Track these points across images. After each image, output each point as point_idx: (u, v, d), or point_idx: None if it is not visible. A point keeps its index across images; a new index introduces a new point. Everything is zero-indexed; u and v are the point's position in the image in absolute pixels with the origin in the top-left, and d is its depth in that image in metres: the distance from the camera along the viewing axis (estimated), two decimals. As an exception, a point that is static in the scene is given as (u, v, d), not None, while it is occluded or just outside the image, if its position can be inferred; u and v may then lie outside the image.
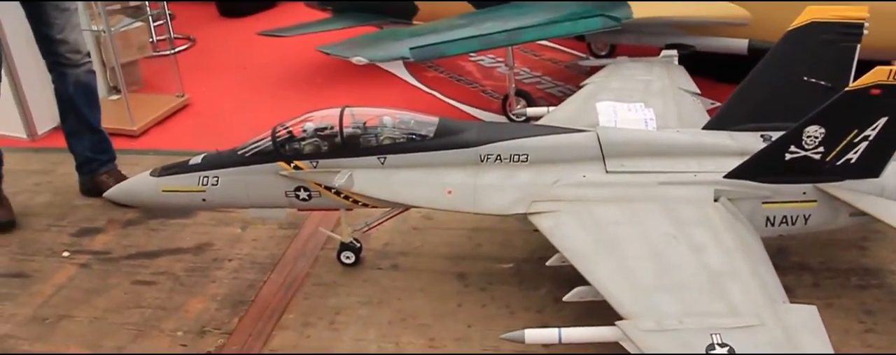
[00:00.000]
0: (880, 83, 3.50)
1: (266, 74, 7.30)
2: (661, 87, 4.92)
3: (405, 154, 4.04)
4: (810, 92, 4.15)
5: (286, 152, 4.08)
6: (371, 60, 5.17)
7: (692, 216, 3.66)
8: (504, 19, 5.43)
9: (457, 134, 4.06)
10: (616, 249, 3.47)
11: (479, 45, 5.27)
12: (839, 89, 3.77)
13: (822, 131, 3.65)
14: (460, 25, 5.46)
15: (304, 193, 4.15)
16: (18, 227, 5.15)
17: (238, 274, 4.56)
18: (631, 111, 4.37)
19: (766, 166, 3.79)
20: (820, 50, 4.19)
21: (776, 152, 3.74)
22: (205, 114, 6.65)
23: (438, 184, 3.97)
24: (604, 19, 5.31)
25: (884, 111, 3.60)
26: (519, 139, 4.01)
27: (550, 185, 3.87)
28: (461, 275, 4.34)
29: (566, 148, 4.00)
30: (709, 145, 4.04)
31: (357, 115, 4.14)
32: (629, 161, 3.95)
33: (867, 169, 3.79)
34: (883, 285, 4.11)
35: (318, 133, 4.10)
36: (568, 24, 5.30)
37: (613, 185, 3.85)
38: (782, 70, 4.23)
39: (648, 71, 5.18)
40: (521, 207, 3.82)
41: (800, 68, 4.19)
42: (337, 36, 6.19)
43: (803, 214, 3.87)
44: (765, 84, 4.25)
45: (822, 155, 3.72)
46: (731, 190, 3.79)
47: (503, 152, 3.99)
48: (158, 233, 5.04)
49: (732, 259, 3.41)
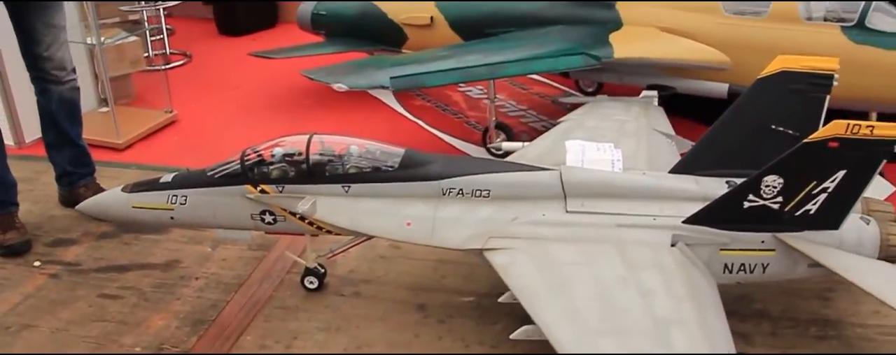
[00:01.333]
0: (838, 136, 3.52)
1: (257, 94, 7.37)
2: (636, 128, 4.95)
3: (369, 184, 4.08)
4: (778, 140, 4.17)
5: (254, 176, 4.12)
6: (351, 87, 5.23)
7: (646, 260, 3.67)
8: (487, 53, 5.49)
9: (421, 166, 4.10)
10: (565, 290, 3.48)
11: (460, 77, 5.32)
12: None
13: (781, 181, 3.67)
14: (444, 57, 5.52)
15: (270, 217, 4.19)
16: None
17: (203, 292, 4.59)
18: (599, 151, 4.39)
19: (724, 213, 3.80)
20: (789, 99, 4.23)
21: (735, 200, 3.76)
22: (191, 131, 6.70)
23: (398, 215, 4.00)
24: (585, 57, 5.35)
25: (842, 164, 3.62)
26: (482, 174, 4.04)
27: (509, 222, 3.89)
28: (421, 306, 4.35)
29: (528, 185, 4.03)
30: (671, 189, 4.05)
31: (325, 143, 4.19)
32: (590, 201, 3.98)
33: (826, 220, 3.80)
34: (841, 337, 4.10)
35: (286, 158, 4.14)
36: (549, 60, 5.35)
37: (571, 225, 3.87)
38: (751, 117, 4.26)
39: (626, 111, 5.22)
40: (478, 243, 3.84)
41: (768, 116, 4.22)
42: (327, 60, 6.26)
43: (761, 263, 3.88)
44: (733, 130, 4.27)
45: (780, 204, 3.73)
46: (689, 235, 3.80)
47: (465, 187, 4.02)
48: (131, 247, 5.07)
49: (680, 306, 3.41)
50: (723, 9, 5.47)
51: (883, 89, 5.10)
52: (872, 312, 4.20)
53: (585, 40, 5.52)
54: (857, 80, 5.14)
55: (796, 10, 5.25)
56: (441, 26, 6.26)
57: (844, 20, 5.17)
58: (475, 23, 6.13)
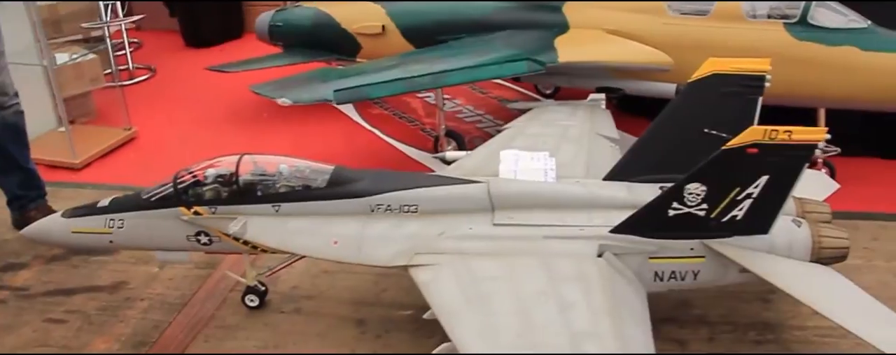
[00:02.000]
0: (757, 142, 3.49)
1: (217, 107, 7.35)
2: (579, 133, 4.91)
3: (298, 202, 4.07)
4: (711, 144, 4.05)
5: (187, 198, 4.12)
6: (295, 102, 5.22)
7: (570, 272, 3.64)
8: (433, 61, 5.47)
9: (350, 183, 4.08)
10: (484, 306, 3.45)
11: (404, 87, 5.30)
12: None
13: (704, 189, 3.63)
14: (389, 67, 5.50)
15: (205, 238, 4.18)
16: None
17: (147, 314, 4.59)
18: (533, 160, 4.36)
19: (650, 222, 3.76)
20: (721, 102, 4.19)
21: (659, 208, 3.73)
22: (149, 149, 6.70)
23: (326, 233, 3.98)
24: (529, 63, 5.32)
25: (764, 169, 3.58)
26: (410, 190, 4.03)
27: (435, 237, 3.87)
28: (360, 321, 4.34)
29: (456, 199, 4.01)
30: (602, 198, 4.02)
31: (255, 163, 4.17)
32: (518, 213, 3.95)
33: (754, 225, 3.76)
34: (779, 340, 4.08)
35: (218, 179, 4.13)
36: (494, 67, 5.32)
37: (497, 239, 3.84)
38: (683, 122, 4.21)
39: (571, 115, 5.18)
40: (403, 259, 3.82)
41: (701, 120, 4.17)
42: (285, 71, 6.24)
43: (692, 270, 3.84)
44: (666, 135, 4.24)
45: (706, 211, 3.70)
46: (616, 245, 3.77)
47: (393, 203, 4.01)
48: (79, 270, 5.08)
49: (598, 318, 3.38)
50: (668, 9, 5.42)
51: (827, 85, 5.06)
52: (812, 314, 4.06)
53: (531, 45, 5.49)
54: (801, 77, 5.13)
55: (739, 8, 5.20)
56: (393, 35, 6.23)
57: (788, 17, 5.12)
58: (426, 30, 6.10)
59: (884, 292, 4.47)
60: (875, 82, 4.94)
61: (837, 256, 3.94)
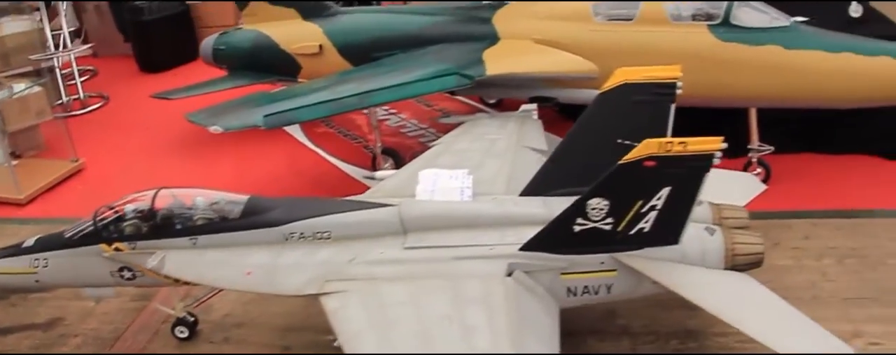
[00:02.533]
0: (653, 155, 3.47)
1: (165, 134, 7.31)
2: (505, 147, 4.89)
3: (215, 234, 4.07)
4: (625, 154, 4.12)
5: (108, 234, 4.12)
6: (226, 129, 5.21)
7: (476, 294, 3.61)
8: (362, 81, 5.46)
9: (265, 213, 4.08)
10: (388, 333, 3.43)
11: (331, 109, 5.29)
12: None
13: (606, 203, 3.62)
14: (320, 88, 5.50)
15: (128, 273, 4.19)
16: None
17: (80, 350, 4.58)
18: (452, 179, 4.34)
19: (557, 238, 3.75)
20: (633, 111, 4.17)
21: (564, 225, 3.71)
22: (96, 180, 6.69)
23: (240, 264, 3.98)
24: (458, 78, 5.30)
25: (665, 181, 3.56)
26: (323, 216, 4.03)
27: (346, 264, 3.86)
28: (286, 348, 4.34)
29: (368, 224, 4.00)
30: (514, 215, 4.00)
31: (172, 197, 4.17)
32: (430, 235, 3.93)
33: (663, 236, 3.75)
34: (701, 348, 4.06)
35: (136, 215, 4.13)
36: (421, 84, 5.31)
37: (408, 262, 3.83)
38: (596, 133, 4.19)
39: (501, 128, 5.16)
40: (314, 287, 3.80)
41: (614, 130, 4.14)
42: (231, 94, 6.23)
43: (605, 284, 3.83)
44: (580, 147, 4.22)
45: (612, 225, 3.68)
46: (526, 262, 3.76)
47: (307, 230, 4.01)
48: (16, 308, 5.06)
49: (499, 342, 3.35)
50: (594, 16, 5.40)
51: (753, 85, 5.02)
52: (735, 320, 4.15)
53: (460, 59, 5.47)
54: (727, 78, 5.10)
55: (664, 11, 5.17)
56: (330, 54, 6.22)
57: (712, 18, 5.10)
58: (362, 48, 6.08)
59: (809, 292, 4.52)
60: (800, 80, 4.91)
61: (752, 262, 3.92)
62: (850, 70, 4.81)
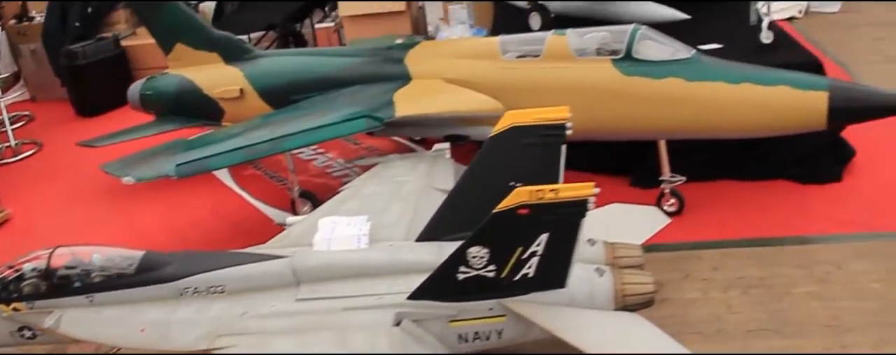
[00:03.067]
0: (525, 203, 3.49)
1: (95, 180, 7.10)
2: (412, 190, 4.90)
3: (110, 292, 4.06)
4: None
5: (6, 294, 4.09)
6: (138, 180, 5.20)
7: (362, 345, 3.61)
8: (275, 126, 5.46)
9: (160, 268, 4.08)
10: (271, 390, 3.45)
11: (244, 156, 5.28)
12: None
13: (486, 251, 3.62)
14: (234, 135, 5.49)
15: (29, 332, 4.16)
16: None
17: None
18: (349, 226, 4.33)
19: (443, 286, 3.75)
20: (524, 154, 4.18)
21: (448, 273, 3.71)
22: (23, 231, 6.60)
23: (134, 321, 3.96)
24: (367, 120, 5.31)
25: (542, 228, 3.57)
26: (217, 270, 4.03)
27: (238, 318, 3.85)
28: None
29: (261, 277, 4.00)
30: (406, 262, 4.00)
31: (69, 255, 4.16)
32: (322, 286, 3.94)
33: (549, 281, 3.75)
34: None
35: (34, 274, 4.12)
36: (332, 128, 5.31)
37: (298, 315, 3.82)
38: (488, 176, 4.20)
39: (411, 170, 5.16)
40: (205, 343, 3.79)
41: (505, 173, 4.15)
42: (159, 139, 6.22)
43: (495, 329, 3.82)
44: (473, 191, 4.22)
45: (495, 272, 3.68)
46: (414, 311, 3.76)
47: (201, 285, 4.00)
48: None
49: (380, 394, 3.37)
50: (502, 53, 5.44)
51: (658, 118, 5.05)
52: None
53: (372, 101, 5.48)
54: (632, 112, 5.13)
55: (568, 47, 5.21)
56: (251, 97, 6.22)
57: (615, 53, 5.13)
58: (281, 91, 6.08)
59: (713, 326, 4.53)
60: (702, 112, 4.94)
61: (643, 302, 3.93)
62: (750, 100, 4.85)
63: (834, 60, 8.00)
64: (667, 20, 6.50)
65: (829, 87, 4.76)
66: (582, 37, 5.25)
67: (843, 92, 4.77)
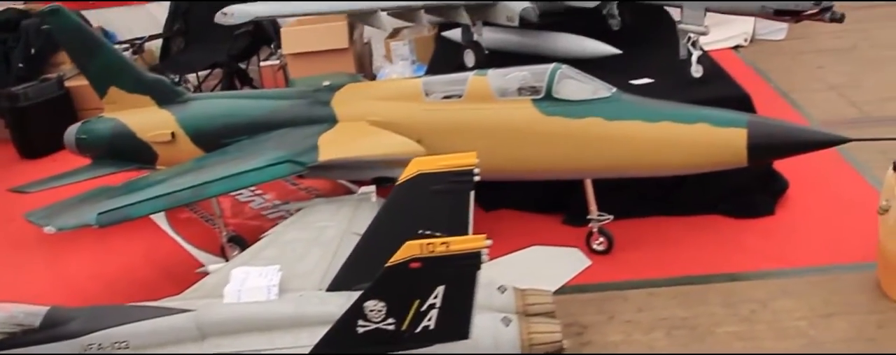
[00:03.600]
0: (417, 257, 3.43)
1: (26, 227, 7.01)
2: (333, 236, 4.84)
3: (14, 349, 3.97)
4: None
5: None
6: (60, 229, 5.11)
7: (255, 406, 3.57)
8: (199, 172, 5.38)
9: (64, 324, 4.00)
10: None
11: (166, 204, 5.21)
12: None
13: (383, 305, 3.56)
14: (159, 181, 5.42)
15: (-68, 391, 4.08)
16: None
17: None
18: (260, 276, 4.26)
19: (344, 340, 3.67)
20: (432, 201, 4.13)
21: (347, 327, 3.64)
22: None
23: None
24: (290, 166, 5.26)
25: (437, 280, 3.51)
26: (122, 326, 3.96)
27: (139, 376, 3.80)
28: None
29: (165, 332, 3.93)
30: (313, 314, 3.94)
31: (-29, 312, 4.10)
32: (227, 340, 3.88)
33: (451, 332, 3.67)
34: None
35: (-66, 337, 4.05)
36: (254, 174, 5.24)
37: (199, 372, 3.77)
38: (397, 224, 4.14)
39: (334, 214, 5.11)
40: (105, 402, 3.74)
41: (414, 221, 4.10)
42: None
43: (399, 382, 3.77)
44: (383, 239, 4.12)
45: (395, 325, 3.62)
46: (317, 365, 3.70)
47: (105, 341, 3.93)
48: None
49: None
50: (425, 95, 5.41)
51: (579, 158, 5.01)
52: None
53: (296, 146, 5.42)
54: (553, 152, 5.10)
55: (489, 87, 5.18)
56: (183, 141, 6.14)
57: (536, 92, 5.11)
58: (211, 135, 6.00)
59: (634, 371, 4.49)
60: (622, 151, 4.91)
61: (552, 351, 3.89)
62: (670, 138, 4.82)
63: (777, 89, 8.08)
64: (598, 55, 6.56)
65: (748, 123, 4.73)
66: (503, 77, 5.23)
67: (762, 128, 4.74)
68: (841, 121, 7.19)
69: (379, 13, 6.39)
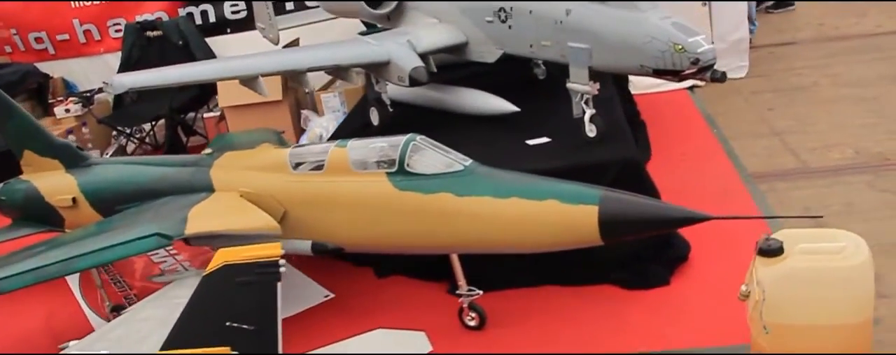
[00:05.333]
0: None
1: None
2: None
3: None
4: (237, 336, 4.03)
5: None
6: None
7: None
8: (75, 244, 5.40)
9: None
10: None
11: (35, 278, 5.18)
12: (264, 330, 3.73)
13: None
14: (33, 254, 5.45)
15: None
16: None
17: None
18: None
19: None
20: (239, 292, 4.05)
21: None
22: None
23: None
24: (157, 239, 5.21)
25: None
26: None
27: None
28: None
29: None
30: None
31: None
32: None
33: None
34: None
35: None
36: (122, 247, 5.21)
37: None
38: (206, 317, 4.07)
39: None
40: None
41: (222, 314, 4.03)
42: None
43: None
44: (193, 333, 4.09)
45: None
46: None
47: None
48: None
49: None
50: (291, 167, 5.33)
51: (432, 234, 4.85)
52: None
53: (169, 216, 5.38)
54: (406, 227, 4.94)
55: (347, 160, 5.07)
56: (84, 206, 6.17)
57: (392, 165, 4.97)
58: (107, 201, 6.02)
59: None
60: (473, 227, 4.71)
61: None
62: (520, 216, 4.61)
63: (718, 136, 7.70)
64: (497, 112, 6.42)
65: (601, 200, 4.47)
66: (362, 149, 5.09)
67: (615, 205, 4.47)
68: (775, 173, 6.85)
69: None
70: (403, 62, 6.07)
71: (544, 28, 5.74)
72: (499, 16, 6.07)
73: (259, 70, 5.98)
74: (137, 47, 9.06)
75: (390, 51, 6.14)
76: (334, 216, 5.14)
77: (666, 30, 5.12)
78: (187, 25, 9.11)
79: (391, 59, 6.13)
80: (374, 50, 6.18)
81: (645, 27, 5.17)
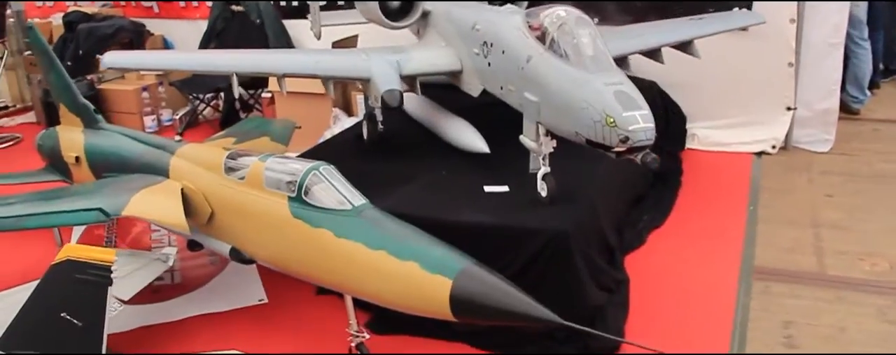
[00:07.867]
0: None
1: None
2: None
3: None
4: (64, 328, 4.22)
5: None
6: None
7: None
8: (40, 202, 5.79)
9: None
10: None
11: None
12: (93, 328, 3.94)
13: None
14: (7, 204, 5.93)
15: None
16: None
17: None
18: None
19: None
20: (76, 288, 4.25)
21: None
22: None
23: None
24: (97, 214, 5.45)
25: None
26: None
27: None
28: None
29: None
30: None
31: None
32: None
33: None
34: None
35: None
36: (68, 215, 5.49)
37: None
38: (45, 306, 4.29)
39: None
40: None
41: (59, 305, 4.25)
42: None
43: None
44: (31, 320, 4.31)
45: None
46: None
47: None
48: None
49: None
50: (224, 170, 5.39)
51: (312, 266, 4.74)
52: None
53: (120, 194, 5.59)
54: (293, 254, 4.88)
55: (261, 175, 5.05)
56: (84, 166, 6.60)
57: (293, 189, 4.91)
58: (99, 166, 6.39)
59: None
60: (342, 270, 4.54)
61: None
62: (381, 270, 4.37)
63: (751, 214, 6.86)
64: (468, 149, 6.17)
65: (459, 274, 4.15)
66: (278, 167, 5.04)
67: (470, 285, 4.12)
68: (781, 273, 5.96)
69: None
70: (380, 82, 5.94)
71: (511, 72, 5.41)
72: (483, 50, 5.80)
73: (234, 68, 6.09)
74: (221, 19, 9.53)
75: (373, 68, 6.04)
76: (245, 227, 5.18)
77: (603, 98, 4.66)
78: (267, 6, 9.42)
79: (372, 77, 6.03)
80: (357, 64, 6.10)
81: (585, 91, 4.75)
